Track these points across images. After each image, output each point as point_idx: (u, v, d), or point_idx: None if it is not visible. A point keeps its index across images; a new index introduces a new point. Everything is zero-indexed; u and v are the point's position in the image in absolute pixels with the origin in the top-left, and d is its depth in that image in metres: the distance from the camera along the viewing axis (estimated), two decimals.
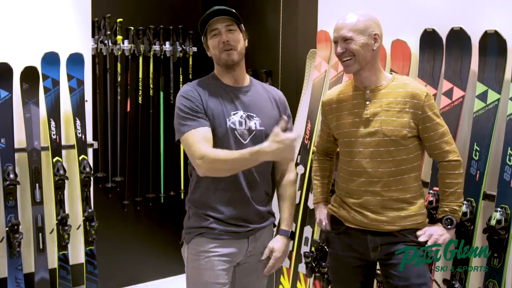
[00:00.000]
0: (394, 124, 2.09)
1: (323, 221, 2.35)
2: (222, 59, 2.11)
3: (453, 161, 2.13)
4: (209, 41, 2.13)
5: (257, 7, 3.61)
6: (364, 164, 2.14)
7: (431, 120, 2.10)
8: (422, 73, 2.59)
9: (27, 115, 3.24)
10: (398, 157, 2.11)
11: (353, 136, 2.17)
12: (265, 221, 2.23)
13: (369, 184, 2.14)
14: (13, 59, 3.20)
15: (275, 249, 2.21)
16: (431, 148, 2.16)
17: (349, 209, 2.20)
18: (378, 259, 2.20)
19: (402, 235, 2.13)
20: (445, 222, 2.14)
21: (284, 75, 3.53)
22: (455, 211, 2.14)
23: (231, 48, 2.09)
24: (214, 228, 2.13)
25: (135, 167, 4.01)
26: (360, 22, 2.09)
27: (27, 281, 3.27)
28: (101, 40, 3.69)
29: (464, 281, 2.34)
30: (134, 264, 4.06)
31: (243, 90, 2.18)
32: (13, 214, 3.16)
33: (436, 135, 2.11)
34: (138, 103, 3.95)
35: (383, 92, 2.14)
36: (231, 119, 2.11)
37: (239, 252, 2.17)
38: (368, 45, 2.09)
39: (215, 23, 2.09)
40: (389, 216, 2.13)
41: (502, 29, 2.28)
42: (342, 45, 2.10)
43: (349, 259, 2.24)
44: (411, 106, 2.09)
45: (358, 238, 2.19)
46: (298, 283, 3.15)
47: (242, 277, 2.24)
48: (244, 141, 2.12)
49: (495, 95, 2.32)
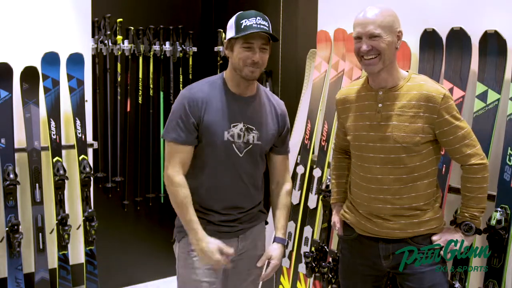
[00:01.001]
0: (407, 130, 1.98)
1: (336, 225, 2.29)
2: (244, 73, 2.06)
3: (476, 164, 1.99)
4: (238, 49, 2.05)
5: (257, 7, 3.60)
6: (374, 170, 2.05)
7: (449, 124, 1.97)
8: (422, 73, 2.58)
9: (27, 115, 3.24)
10: (411, 164, 2.01)
11: (363, 140, 2.08)
12: (255, 221, 2.25)
13: (379, 192, 2.05)
14: (13, 59, 3.19)
15: (273, 257, 2.24)
16: (451, 152, 2.04)
17: (360, 216, 2.13)
18: (391, 267, 2.13)
19: (416, 242, 2.06)
20: (463, 228, 2.04)
21: (284, 75, 3.53)
22: (476, 217, 2.03)
23: (257, 67, 2.05)
24: (204, 228, 2.14)
25: (135, 167, 4.01)
26: (387, 18, 1.96)
27: (27, 281, 3.27)
28: (101, 40, 3.69)
29: (464, 281, 2.34)
30: (134, 264, 4.06)
31: (248, 100, 2.16)
32: (13, 214, 3.16)
33: (455, 139, 1.99)
34: (138, 103, 3.95)
35: (397, 94, 2.02)
36: (230, 131, 2.10)
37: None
38: (393, 43, 1.97)
39: (253, 37, 2.02)
40: (401, 223, 2.04)
41: (502, 29, 2.28)
42: (368, 42, 1.95)
43: (360, 267, 2.19)
44: (426, 110, 1.97)
45: (369, 246, 2.12)
46: (298, 283, 3.15)
47: (234, 274, 2.25)
48: (240, 153, 2.13)
49: (495, 95, 2.31)
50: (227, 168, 2.13)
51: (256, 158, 2.19)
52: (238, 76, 2.10)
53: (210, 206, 2.15)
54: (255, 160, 2.18)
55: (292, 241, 3.19)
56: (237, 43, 2.05)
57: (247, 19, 2.02)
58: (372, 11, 1.98)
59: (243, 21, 2.02)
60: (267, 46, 2.07)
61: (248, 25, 2.01)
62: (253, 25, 2.01)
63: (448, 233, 2.08)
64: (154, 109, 4.02)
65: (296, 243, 3.16)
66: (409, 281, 2.07)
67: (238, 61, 2.06)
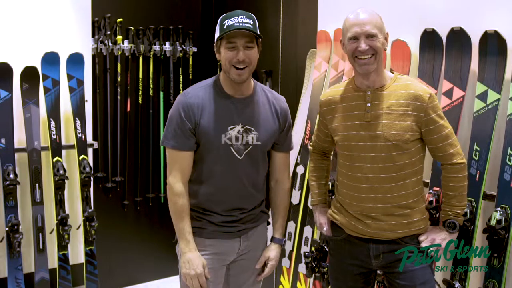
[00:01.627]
0: (397, 128, 2.01)
1: (323, 226, 2.30)
2: (231, 76, 2.06)
3: (457, 164, 2.05)
4: (223, 50, 2.05)
5: (257, 7, 3.61)
6: (365, 169, 2.06)
7: (435, 123, 2.02)
8: (422, 73, 2.58)
9: (27, 115, 3.24)
10: (401, 162, 2.04)
11: (353, 140, 2.09)
12: (257, 221, 2.24)
13: (370, 191, 2.07)
14: (13, 59, 3.20)
15: (271, 257, 2.26)
16: (434, 151, 2.08)
17: (350, 217, 2.14)
18: (380, 267, 2.15)
19: (405, 242, 2.08)
20: (448, 226, 2.09)
21: (284, 75, 3.53)
22: (458, 214, 2.08)
23: (244, 67, 2.03)
24: (205, 228, 2.15)
25: (135, 167, 4.01)
26: (379, 20, 2.01)
27: (27, 281, 3.27)
28: (101, 40, 3.69)
29: (464, 281, 2.34)
30: (134, 264, 4.06)
31: (245, 101, 2.14)
32: (13, 214, 3.16)
33: (440, 137, 2.04)
34: (138, 103, 3.95)
35: (385, 94, 2.05)
36: (228, 134, 2.10)
37: (231, 251, 2.19)
38: (384, 44, 2.03)
39: (234, 36, 2.01)
40: (391, 224, 2.07)
41: (502, 29, 2.28)
42: (366, 42, 1.98)
43: (350, 267, 2.20)
44: (414, 108, 2.01)
45: (359, 246, 2.14)
46: (298, 283, 3.15)
47: (236, 275, 2.25)
48: (239, 156, 2.12)
49: (495, 95, 2.31)
50: (227, 171, 2.13)
51: (257, 159, 2.17)
52: (228, 79, 2.10)
53: (210, 208, 2.15)
54: (255, 162, 2.17)
55: (292, 241, 3.19)
56: (222, 44, 2.05)
57: (229, 19, 2.02)
58: (365, 12, 2.02)
59: (225, 21, 2.02)
60: (252, 44, 2.04)
61: (229, 25, 2.00)
62: (234, 24, 1.99)
63: (433, 232, 2.12)
64: (154, 109, 4.02)
65: (296, 243, 3.16)
66: (400, 279, 2.09)
67: (225, 63, 2.05)
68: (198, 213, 2.15)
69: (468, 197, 2.34)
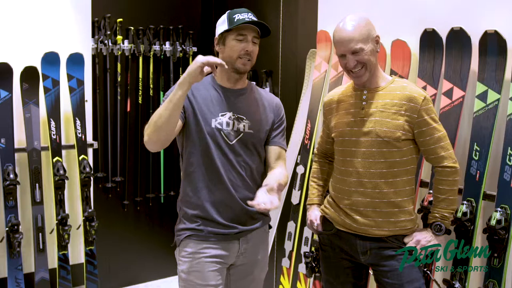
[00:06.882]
0: (388, 126, 2.07)
1: (314, 222, 2.33)
2: (236, 65, 2.12)
3: (448, 167, 2.09)
4: (231, 41, 2.12)
5: (257, 7, 3.61)
6: (356, 163, 2.12)
7: (427, 125, 2.07)
8: (422, 73, 2.59)
9: (27, 115, 3.24)
10: (391, 159, 2.09)
11: (347, 135, 2.16)
12: (256, 223, 2.22)
13: (359, 184, 2.12)
14: (13, 59, 3.20)
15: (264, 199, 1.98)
16: (426, 153, 2.12)
17: (340, 211, 2.19)
18: (369, 263, 2.18)
19: (391, 241, 2.12)
20: (434, 228, 2.12)
21: (284, 75, 3.53)
22: (446, 218, 2.11)
23: (249, 59, 2.13)
24: (202, 230, 2.14)
25: (135, 167, 4.01)
26: (364, 29, 2.05)
27: (27, 281, 3.27)
28: (101, 40, 3.70)
29: (464, 281, 2.34)
30: (134, 264, 4.06)
31: (237, 92, 2.20)
32: (13, 214, 3.16)
33: (431, 140, 2.08)
34: (138, 103, 3.95)
35: (381, 93, 2.13)
36: (218, 119, 2.13)
37: (230, 254, 2.18)
38: (373, 50, 2.08)
39: (246, 29, 2.11)
40: (377, 221, 2.11)
41: (502, 29, 2.28)
42: (353, 58, 2.06)
43: (340, 261, 2.24)
44: (408, 109, 2.06)
45: (348, 241, 2.18)
46: (298, 283, 3.15)
47: (237, 279, 2.25)
48: (230, 141, 2.14)
49: (495, 95, 2.32)
50: (218, 155, 2.12)
51: (250, 149, 2.17)
52: (229, 70, 2.14)
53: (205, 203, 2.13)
54: (248, 149, 2.17)
55: (292, 241, 3.19)
56: (230, 36, 2.12)
57: (239, 14, 2.12)
58: (348, 28, 2.05)
59: (236, 15, 2.12)
60: (258, 40, 2.16)
61: (241, 19, 2.10)
62: (245, 19, 2.10)
63: (419, 234, 2.14)
64: (154, 109, 3.96)
65: (296, 243, 3.17)
66: (387, 277, 2.11)
67: (231, 54, 2.11)
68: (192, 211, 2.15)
69: (468, 197, 2.35)
